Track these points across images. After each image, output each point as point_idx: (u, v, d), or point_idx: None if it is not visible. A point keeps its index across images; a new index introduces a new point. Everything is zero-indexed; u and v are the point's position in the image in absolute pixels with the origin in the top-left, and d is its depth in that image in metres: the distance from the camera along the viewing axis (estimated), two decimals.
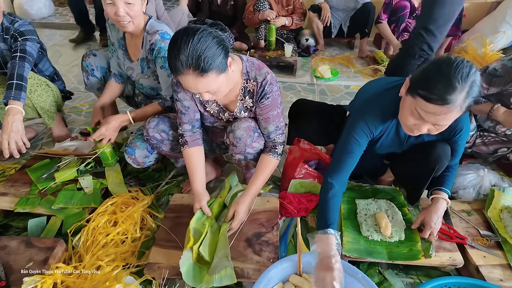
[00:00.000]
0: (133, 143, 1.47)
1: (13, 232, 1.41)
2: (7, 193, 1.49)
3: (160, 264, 1.18)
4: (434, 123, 0.98)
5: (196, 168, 1.34)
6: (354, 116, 1.24)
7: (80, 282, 1.13)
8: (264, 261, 1.19)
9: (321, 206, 1.17)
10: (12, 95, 1.41)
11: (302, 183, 1.51)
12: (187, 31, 0.97)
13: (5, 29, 1.60)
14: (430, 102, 0.92)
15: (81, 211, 1.40)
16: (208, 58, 0.97)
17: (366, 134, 1.18)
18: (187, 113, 1.30)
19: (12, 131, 1.37)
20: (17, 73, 1.46)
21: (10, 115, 1.38)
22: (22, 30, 1.60)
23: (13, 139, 1.37)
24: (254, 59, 1.24)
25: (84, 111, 2.31)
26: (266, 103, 1.22)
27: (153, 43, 1.40)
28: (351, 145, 1.19)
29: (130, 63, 1.56)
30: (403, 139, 1.24)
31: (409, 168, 1.32)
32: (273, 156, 1.30)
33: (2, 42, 1.63)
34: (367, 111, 1.19)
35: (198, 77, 0.99)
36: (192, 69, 0.97)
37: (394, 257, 1.21)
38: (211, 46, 0.97)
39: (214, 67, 0.99)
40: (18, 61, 1.50)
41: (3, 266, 1.14)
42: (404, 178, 1.43)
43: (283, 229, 1.42)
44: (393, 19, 2.79)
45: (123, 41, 1.54)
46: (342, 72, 2.82)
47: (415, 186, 1.34)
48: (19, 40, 1.57)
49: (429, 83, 0.92)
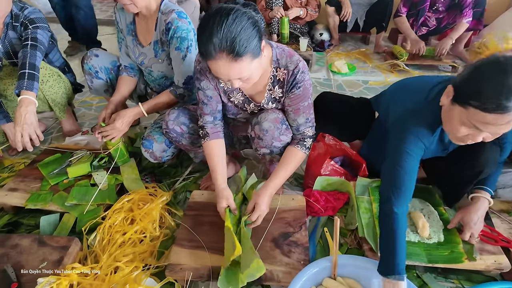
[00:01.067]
0: (150, 136, 1.39)
1: (24, 230, 1.33)
2: (17, 188, 1.42)
3: (183, 265, 1.10)
4: (494, 132, 0.88)
5: (217, 162, 1.24)
6: (400, 130, 1.09)
7: (97, 284, 1.05)
8: (294, 263, 1.11)
9: (387, 244, 0.99)
10: (24, 85, 1.33)
11: (329, 180, 1.42)
12: (220, 11, 0.88)
13: (14, 16, 1.53)
14: (489, 112, 0.82)
15: (95, 208, 1.32)
16: (243, 40, 0.88)
17: (420, 148, 1.06)
18: (210, 104, 1.22)
19: (26, 123, 1.29)
20: (29, 62, 1.38)
21: (23, 107, 1.31)
22: (32, 18, 1.53)
23: (26, 132, 1.30)
24: (284, 46, 1.15)
25: (94, 105, 2.24)
26: (297, 93, 1.13)
27: (169, 22, 1.31)
28: (407, 163, 1.03)
29: (141, 48, 1.46)
30: (447, 145, 1.15)
31: (451, 170, 1.21)
32: (301, 148, 1.21)
33: (11, 30, 1.55)
34: (414, 124, 1.07)
35: (232, 62, 0.90)
36: (226, 53, 0.89)
37: (434, 259, 1.12)
38: (246, 27, 0.88)
39: (249, 50, 0.90)
40: (29, 50, 1.42)
41: (14, 266, 1.06)
42: (443, 179, 1.32)
43: (310, 229, 1.33)
44: (412, 12, 2.70)
45: (133, 25, 1.45)
46: (359, 67, 2.73)
47: (455, 189, 1.25)
48: (29, 28, 1.49)
49: (482, 90, 0.82)
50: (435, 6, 2.65)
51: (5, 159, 1.72)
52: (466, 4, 2.51)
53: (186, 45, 1.32)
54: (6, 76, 1.64)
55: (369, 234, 1.20)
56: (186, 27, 1.31)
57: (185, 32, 1.31)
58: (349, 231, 1.31)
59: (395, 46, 2.78)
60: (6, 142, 1.70)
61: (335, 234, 1.00)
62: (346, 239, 1.29)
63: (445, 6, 2.62)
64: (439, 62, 2.66)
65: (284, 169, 1.20)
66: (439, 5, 2.62)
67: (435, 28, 2.77)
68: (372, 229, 1.22)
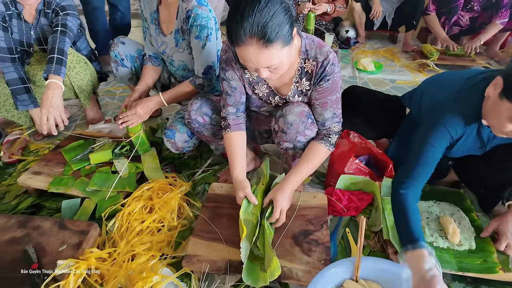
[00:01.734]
0: (173, 126, 1.38)
1: (46, 212, 1.35)
2: (41, 172, 1.44)
3: (200, 257, 1.08)
4: None
5: (237, 154, 1.21)
6: (430, 119, 1.06)
7: (114, 270, 1.04)
8: (314, 262, 1.06)
9: (399, 220, 1.00)
10: (52, 69, 1.35)
11: (353, 179, 1.37)
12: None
13: (47, 3, 1.55)
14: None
15: (115, 195, 1.32)
16: (275, 26, 0.84)
17: (446, 139, 1.01)
18: (233, 95, 1.19)
19: (52, 106, 1.32)
20: (58, 47, 1.41)
21: (50, 90, 1.33)
22: (63, 5, 1.55)
23: (52, 115, 1.32)
24: (314, 36, 1.11)
25: (118, 95, 2.26)
26: (325, 86, 1.08)
27: (189, 10, 1.28)
28: (427, 154, 1.02)
29: (163, 37, 1.45)
30: (485, 141, 1.07)
31: (489, 171, 1.13)
32: (325, 144, 1.15)
33: (43, 17, 1.58)
34: (446, 114, 1.01)
35: (262, 49, 0.87)
36: (257, 39, 0.85)
37: (465, 268, 1.05)
38: (278, 12, 0.85)
39: (280, 37, 0.86)
40: (59, 35, 1.45)
41: (35, 247, 1.07)
42: (479, 182, 1.24)
43: (331, 229, 1.28)
44: (444, 10, 2.58)
45: (156, 14, 1.44)
46: (386, 65, 2.64)
47: (493, 192, 1.16)
48: (60, 15, 1.52)
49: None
50: (469, 5, 2.52)
51: (31, 143, 1.76)
52: (503, 4, 2.37)
53: (206, 34, 1.29)
54: (36, 62, 1.68)
55: (394, 237, 1.14)
56: (206, 15, 1.28)
57: (205, 20, 1.28)
58: (372, 233, 1.25)
59: (425, 45, 2.67)
60: (32, 127, 1.74)
61: (360, 235, 0.95)
62: (370, 241, 1.23)
63: (480, 5, 2.49)
64: (471, 63, 2.53)
65: (307, 165, 1.15)
66: (474, 3, 2.48)
67: (468, 28, 2.64)
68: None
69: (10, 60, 1.58)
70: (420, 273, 0.85)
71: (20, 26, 1.58)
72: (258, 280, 0.98)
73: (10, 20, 1.56)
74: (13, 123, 1.87)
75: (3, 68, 1.59)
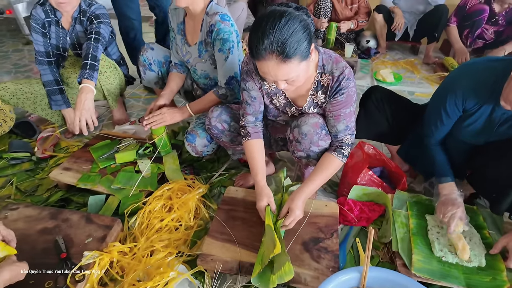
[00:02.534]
0: (194, 131, 1.46)
1: (74, 206, 1.46)
2: (70, 168, 1.55)
3: (214, 256, 1.14)
4: None
5: (258, 161, 1.27)
6: (444, 85, 1.18)
7: (134, 263, 1.12)
8: (323, 269, 1.10)
9: (431, 162, 1.29)
10: (86, 74, 1.46)
11: (366, 190, 1.39)
12: (274, 13, 0.91)
13: (82, 12, 1.68)
14: None
15: (138, 193, 1.41)
16: (294, 43, 0.90)
17: (457, 105, 1.14)
18: (253, 104, 1.25)
19: (84, 108, 1.43)
20: (91, 54, 1.52)
21: (83, 93, 1.44)
22: (97, 13, 1.67)
23: (84, 117, 1.43)
24: (331, 51, 1.15)
25: (143, 98, 2.38)
26: (339, 99, 1.13)
27: (212, 24, 1.36)
28: (440, 118, 1.20)
29: (188, 47, 1.54)
30: (494, 124, 1.11)
31: (495, 167, 1.15)
32: (337, 156, 1.19)
33: (78, 24, 1.70)
34: (460, 82, 1.11)
35: (281, 63, 0.93)
36: (276, 54, 0.91)
37: (473, 284, 1.06)
38: (297, 30, 0.90)
39: (298, 53, 0.92)
40: (92, 43, 1.56)
41: (64, 238, 1.17)
42: (489, 184, 1.25)
43: (341, 237, 1.32)
44: (467, 23, 2.56)
45: (183, 25, 1.53)
46: (405, 77, 2.63)
47: (504, 192, 1.17)
48: (94, 23, 1.63)
49: None
50: (494, 19, 2.48)
51: (62, 140, 1.89)
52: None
53: (228, 47, 1.36)
54: (70, 65, 1.80)
55: (403, 249, 1.17)
56: (228, 29, 1.35)
57: (227, 34, 1.35)
58: (382, 244, 1.28)
59: (447, 58, 2.65)
60: (64, 126, 1.87)
61: (368, 245, 0.98)
62: (379, 252, 1.26)
63: (505, 19, 2.45)
64: None
65: (320, 176, 1.20)
66: (500, 18, 2.45)
67: (493, 41, 2.60)
68: (407, 245, 1.18)
69: (47, 63, 1.72)
70: (448, 194, 1.20)
71: (57, 32, 1.72)
72: (268, 283, 1.02)
73: (49, 26, 1.69)
74: (47, 121, 2.01)
75: (41, 70, 1.72)
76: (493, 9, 2.45)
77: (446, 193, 1.22)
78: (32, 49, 3.11)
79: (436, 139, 1.28)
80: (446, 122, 1.21)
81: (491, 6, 2.45)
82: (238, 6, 2.94)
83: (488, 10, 2.46)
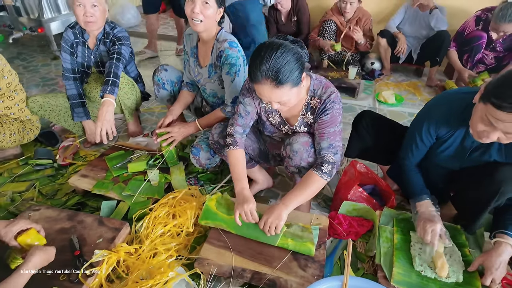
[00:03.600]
0: (199, 145, 1.60)
1: (88, 210, 1.61)
2: (87, 175, 1.71)
3: (210, 260, 1.26)
4: (504, 131, 0.96)
5: (243, 169, 1.37)
6: (421, 114, 1.28)
7: (138, 263, 1.25)
8: (308, 277, 1.20)
9: (405, 182, 1.39)
10: (108, 89, 1.65)
11: (355, 206, 1.49)
12: (272, 44, 1.06)
13: (106, 34, 1.87)
14: (501, 110, 0.92)
15: (145, 200, 1.55)
16: (287, 72, 1.04)
17: (430, 133, 1.24)
18: (245, 117, 1.38)
19: (105, 119, 1.61)
20: (113, 72, 1.71)
21: (105, 106, 1.62)
22: (120, 36, 1.86)
23: (104, 127, 1.61)
24: (323, 78, 1.29)
25: (157, 112, 2.55)
26: (324, 119, 1.25)
27: (221, 50, 1.52)
28: (415, 142, 1.30)
29: (200, 69, 1.71)
30: (466, 150, 1.20)
31: (470, 192, 1.25)
32: (317, 172, 1.25)
33: (102, 44, 1.90)
34: (434, 111, 1.22)
35: (274, 88, 1.07)
36: (270, 80, 1.06)
37: None
38: (290, 61, 1.05)
39: (290, 80, 1.06)
40: (115, 62, 1.75)
41: (78, 237, 1.31)
42: (465, 205, 1.34)
43: (330, 250, 1.41)
44: (466, 49, 2.65)
45: (196, 49, 1.70)
46: (407, 99, 2.73)
47: (474, 213, 1.26)
48: (116, 44, 1.83)
49: (502, 91, 0.92)
50: (492, 45, 2.57)
51: (81, 150, 2.07)
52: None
53: (235, 70, 1.52)
54: (92, 81, 2.00)
55: (386, 262, 1.25)
56: (235, 55, 1.51)
57: (234, 59, 1.51)
58: (367, 257, 1.36)
59: (447, 81, 2.73)
60: (83, 136, 2.06)
61: (347, 255, 1.08)
62: (364, 264, 1.34)
63: (503, 46, 2.54)
64: None
65: (301, 195, 1.26)
66: (497, 44, 2.54)
67: (494, 66, 2.67)
68: (390, 258, 1.27)
69: (72, 79, 1.92)
70: (426, 211, 1.28)
71: (83, 51, 1.92)
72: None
73: (76, 46, 1.90)
74: (68, 131, 2.20)
75: (66, 85, 1.92)
76: (490, 36, 2.54)
77: (423, 210, 1.30)
78: (58, 64, 3.37)
79: (412, 163, 1.38)
80: (420, 147, 1.31)
81: (488, 33, 2.54)
82: None
83: (485, 37, 2.55)
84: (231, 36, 1.59)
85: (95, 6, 1.71)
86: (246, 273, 1.21)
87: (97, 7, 1.72)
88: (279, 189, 1.79)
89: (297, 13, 3.06)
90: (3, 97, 1.73)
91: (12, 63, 3.15)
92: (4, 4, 3.23)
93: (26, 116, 1.87)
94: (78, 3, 1.67)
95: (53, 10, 3.27)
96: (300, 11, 3.03)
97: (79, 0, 1.66)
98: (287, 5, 2.99)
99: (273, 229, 1.25)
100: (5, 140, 1.76)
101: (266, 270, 1.22)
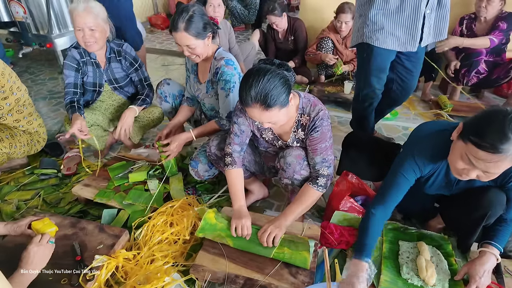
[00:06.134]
0: (197, 158, 1.68)
1: (90, 217, 1.68)
2: (90, 184, 1.79)
3: (204, 267, 1.31)
4: (484, 170, 0.99)
5: (241, 188, 1.48)
6: (404, 152, 1.29)
7: (136, 269, 1.30)
8: (298, 283, 1.25)
9: (360, 232, 1.29)
10: (138, 103, 1.97)
11: (346, 216, 1.54)
12: (259, 71, 1.14)
13: (117, 52, 1.96)
14: (481, 149, 0.94)
15: (145, 209, 1.62)
16: (274, 96, 1.13)
17: (414, 171, 1.22)
18: (241, 136, 1.46)
19: (126, 122, 1.86)
20: (146, 93, 2.02)
21: (128, 111, 1.89)
22: (134, 56, 1.98)
23: (123, 128, 1.85)
24: (311, 96, 1.37)
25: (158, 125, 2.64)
26: (315, 136, 1.32)
27: (218, 67, 1.62)
28: (398, 180, 1.25)
29: (199, 84, 1.81)
30: (452, 182, 1.24)
31: (459, 214, 1.30)
32: (313, 185, 1.34)
33: (113, 62, 1.97)
34: (417, 149, 1.23)
35: (263, 111, 1.15)
36: (259, 104, 1.14)
37: None
38: (277, 85, 1.13)
39: (278, 103, 1.15)
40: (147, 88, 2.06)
41: (80, 244, 1.37)
42: (455, 224, 1.39)
43: (321, 258, 1.45)
44: (466, 63, 2.74)
45: (196, 67, 1.81)
46: (401, 113, 2.80)
47: (465, 234, 1.30)
48: (137, 67, 2.01)
49: (482, 130, 0.95)
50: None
51: (84, 160, 2.14)
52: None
53: (229, 87, 1.61)
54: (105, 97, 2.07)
55: None
56: (230, 72, 1.60)
57: (229, 76, 1.60)
58: None
59: (440, 96, 2.81)
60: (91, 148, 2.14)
61: (325, 263, 1.14)
62: None
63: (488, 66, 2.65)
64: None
65: (299, 207, 1.36)
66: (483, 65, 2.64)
67: (486, 77, 2.73)
68: (378, 266, 1.31)
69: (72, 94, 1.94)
70: (354, 273, 1.19)
71: (94, 71, 1.97)
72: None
73: (85, 66, 1.96)
74: (73, 142, 2.28)
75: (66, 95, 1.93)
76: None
77: (355, 270, 1.20)
78: None
79: (387, 211, 1.28)
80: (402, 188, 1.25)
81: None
82: (248, 45, 3.25)
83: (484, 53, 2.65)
84: (228, 54, 1.68)
85: (93, 30, 1.79)
86: (239, 279, 1.26)
87: (95, 31, 1.79)
88: (274, 200, 1.85)
89: (294, 32, 3.18)
90: (12, 111, 1.82)
91: (21, 76, 3.27)
92: (15, 20, 3.38)
93: (34, 129, 1.96)
94: (78, 28, 1.77)
95: (62, 26, 3.42)
96: (297, 30, 3.15)
97: (78, 26, 1.76)
98: (282, 25, 3.12)
99: (271, 237, 1.32)
100: (16, 152, 1.85)
101: (258, 277, 1.27)
